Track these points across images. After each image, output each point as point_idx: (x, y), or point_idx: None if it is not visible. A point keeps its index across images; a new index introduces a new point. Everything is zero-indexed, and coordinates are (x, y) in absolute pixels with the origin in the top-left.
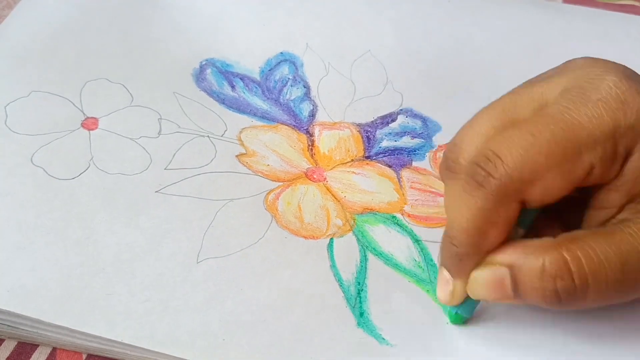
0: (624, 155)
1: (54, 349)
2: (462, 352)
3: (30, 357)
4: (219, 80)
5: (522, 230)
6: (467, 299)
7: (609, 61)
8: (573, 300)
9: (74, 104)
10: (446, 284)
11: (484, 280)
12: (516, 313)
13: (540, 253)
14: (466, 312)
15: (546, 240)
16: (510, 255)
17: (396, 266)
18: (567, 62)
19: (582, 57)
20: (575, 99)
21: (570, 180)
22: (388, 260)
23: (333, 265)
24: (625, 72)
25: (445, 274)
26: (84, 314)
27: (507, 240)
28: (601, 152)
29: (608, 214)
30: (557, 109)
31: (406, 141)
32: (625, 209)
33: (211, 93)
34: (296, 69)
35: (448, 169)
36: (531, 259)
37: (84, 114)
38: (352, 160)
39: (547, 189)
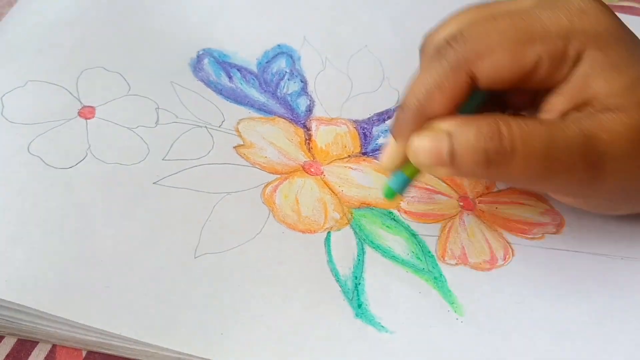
0: (573, 59)
1: (54, 346)
2: (461, 337)
3: (30, 354)
4: (216, 70)
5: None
6: (401, 176)
7: None
8: (500, 163)
9: (70, 93)
10: (388, 149)
11: (424, 145)
12: (514, 304)
13: (477, 120)
14: (398, 187)
15: (485, 114)
16: (450, 123)
17: (394, 258)
18: None
19: None
20: (544, 4)
21: (518, 65)
22: (386, 252)
23: (330, 261)
24: None
25: (391, 140)
26: (82, 306)
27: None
28: (552, 46)
29: (552, 118)
30: (525, 7)
31: None
32: (567, 115)
33: (208, 83)
34: (293, 62)
35: (422, 48)
36: (468, 125)
37: (80, 102)
38: (349, 156)
39: (495, 66)
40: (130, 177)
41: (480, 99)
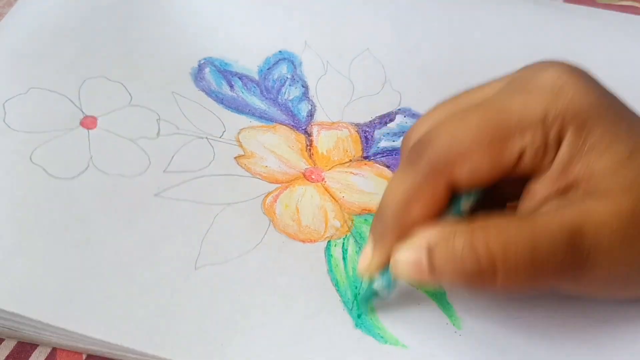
0: (556, 143)
1: (54, 349)
2: (460, 350)
3: (30, 356)
4: (217, 79)
5: (453, 217)
6: (365, 299)
7: (558, 60)
8: (482, 282)
9: (72, 102)
10: (366, 255)
11: (404, 261)
12: (513, 318)
13: (453, 236)
14: (363, 307)
15: (462, 224)
16: (428, 236)
17: None
18: (526, 65)
19: (539, 61)
20: (514, 88)
21: (499, 164)
22: None
23: (330, 270)
24: (569, 67)
25: (368, 247)
26: (83, 316)
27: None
28: (530, 138)
29: (534, 205)
30: (492, 98)
31: None
32: (549, 202)
33: (210, 93)
34: (294, 67)
35: (401, 148)
36: (444, 242)
37: (82, 112)
38: (351, 160)
39: (474, 172)
40: (131, 189)
41: (465, 203)
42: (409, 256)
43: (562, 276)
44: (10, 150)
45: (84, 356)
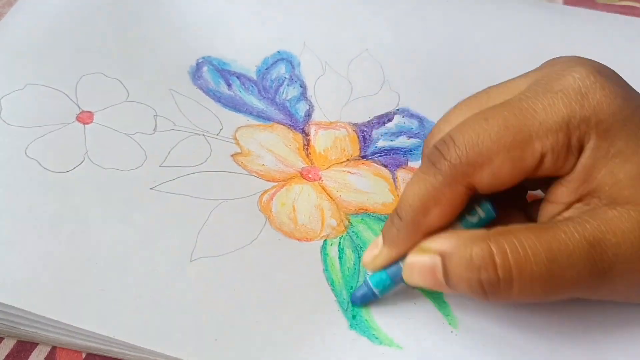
0: (578, 148)
1: (53, 348)
2: (456, 350)
3: (30, 355)
4: (215, 78)
5: (470, 221)
6: (367, 294)
7: (585, 58)
8: (497, 293)
9: (69, 97)
10: (374, 248)
11: (419, 266)
12: (510, 317)
13: (470, 244)
14: (357, 301)
15: (479, 232)
16: (443, 243)
17: None
18: (550, 59)
19: (565, 56)
20: (538, 89)
21: (520, 168)
22: None
23: (326, 269)
24: (595, 67)
25: (379, 240)
26: (77, 309)
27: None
28: (552, 141)
29: (556, 210)
30: (517, 98)
31: (402, 141)
32: (572, 207)
33: (207, 91)
34: (293, 68)
35: (423, 152)
36: (461, 248)
37: (79, 107)
38: (348, 159)
39: (495, 175)
40: (127, 183)
41: (482, 221)
42: (423, 261)
43: (581, 287)
44: (5, 144)
45: (84, 355)
